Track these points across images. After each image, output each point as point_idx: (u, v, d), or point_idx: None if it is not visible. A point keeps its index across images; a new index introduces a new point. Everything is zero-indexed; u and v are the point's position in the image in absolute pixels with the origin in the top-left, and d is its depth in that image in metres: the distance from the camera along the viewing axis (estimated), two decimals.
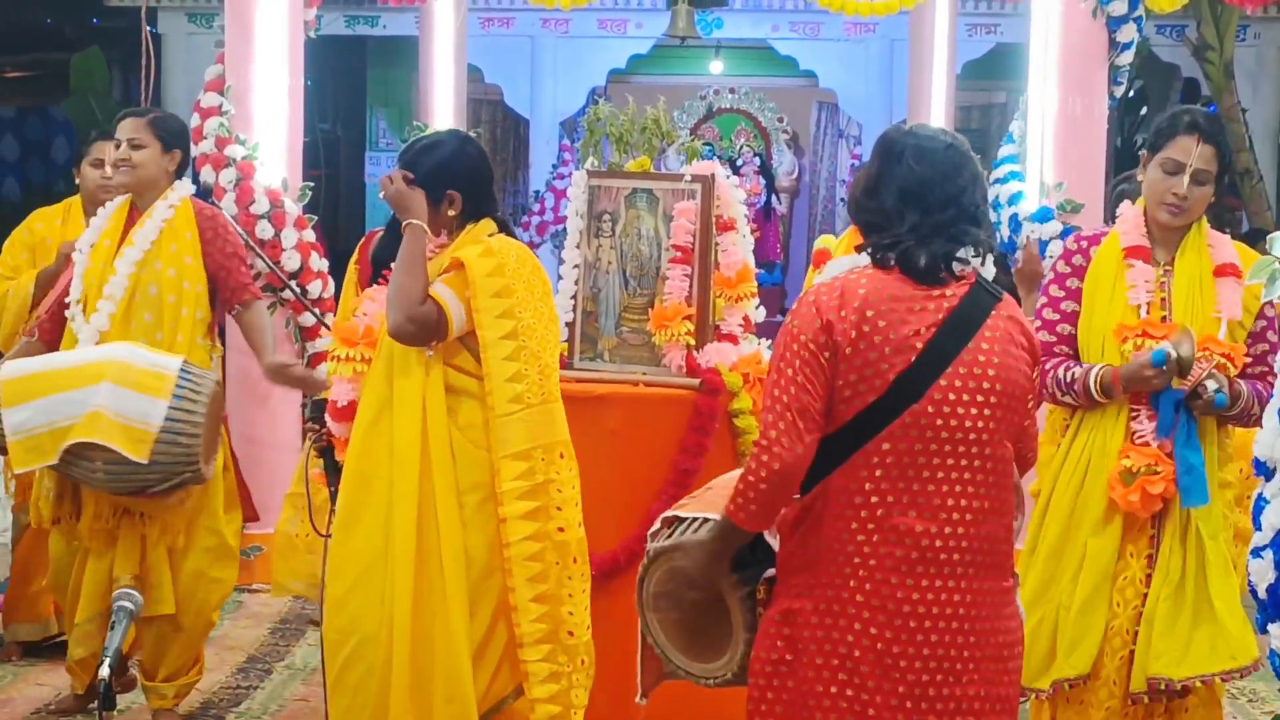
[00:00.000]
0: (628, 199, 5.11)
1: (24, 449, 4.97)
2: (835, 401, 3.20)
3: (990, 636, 3.27)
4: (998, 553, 3.29)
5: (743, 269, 5.14)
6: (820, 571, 3.24)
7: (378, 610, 4.04)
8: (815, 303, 3.24)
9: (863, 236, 3.36)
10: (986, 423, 3.22)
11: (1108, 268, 4.29)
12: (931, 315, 3.21)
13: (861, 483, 3.21)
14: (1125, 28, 7.33)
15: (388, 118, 15.50)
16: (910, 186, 3.27)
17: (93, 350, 5.14)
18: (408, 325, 4.02)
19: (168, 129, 5.39)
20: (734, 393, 4.97)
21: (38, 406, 4.94)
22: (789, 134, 16.72)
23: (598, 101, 5.50)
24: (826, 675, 3.23)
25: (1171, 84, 15.36)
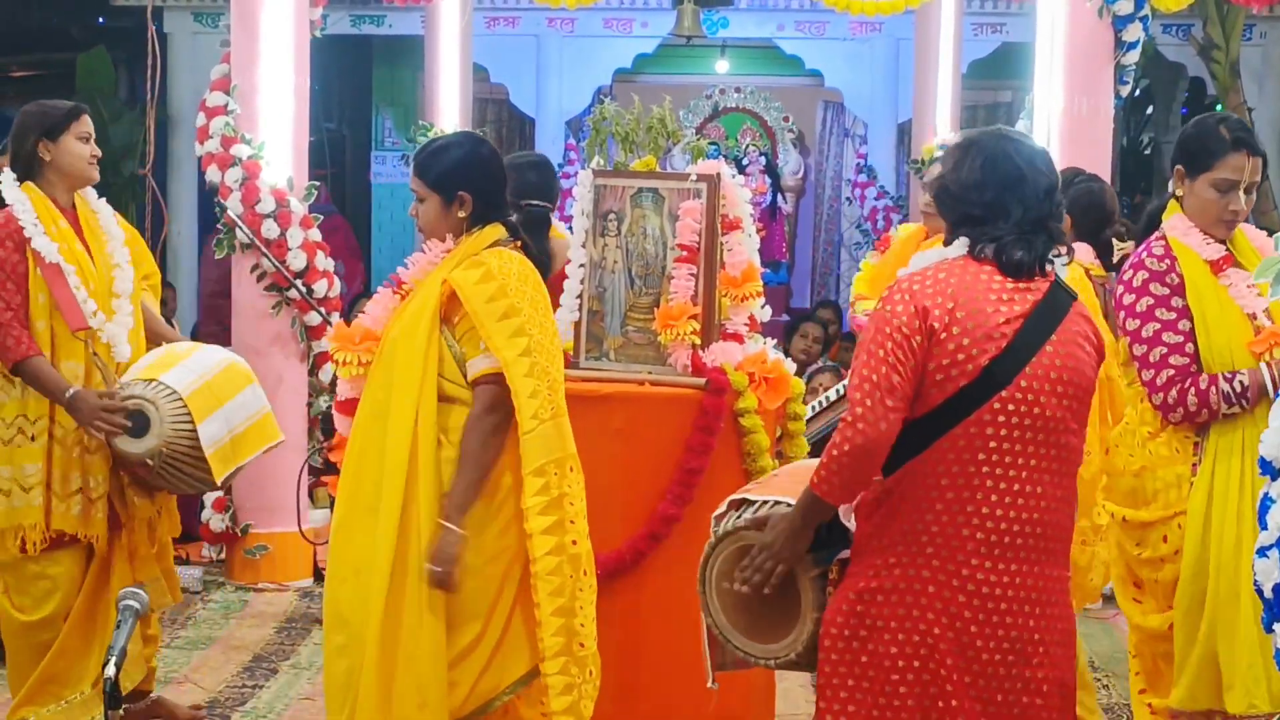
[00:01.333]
0: (633, 198, 5.10)
1: (220, 460, 4.90)
2: (926, 385, 3.33)
3: (1056, 622, 3.42)
4: (1064, 540, 3.45)
5: (748, 268, 5.13)
6: (901, 552, 3.36)
7: (363, 611, 4.06)
8: (909, 289, 3.37)
9: (955, 228, 3.48)
10: (1063, 413, 3.38)
11: (1203, 281, 4.25)
12: (1019, 307, 3.36)
13: (949, 466, 3.33)
14: (1131, 27, 7.33)
15: (393, 117, 15.49)
16: (1015, 182, 3.41)
17: (205, 352, 5.12)
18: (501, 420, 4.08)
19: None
20: (739, 392, 4.97)
21: (219, 416, 4.91)
22: (794, 133, 16.68)
23: (603, 101, 5.50)
24: (909, 652, 3.35)
25: (1177, 83, 15.33)
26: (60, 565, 4.98)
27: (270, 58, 7.55)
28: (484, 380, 4.09)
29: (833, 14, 12.52)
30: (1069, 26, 7.36)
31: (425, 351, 4.08)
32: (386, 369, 4.15)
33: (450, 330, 4.12)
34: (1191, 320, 4.24)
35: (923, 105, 12.10)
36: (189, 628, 6.82)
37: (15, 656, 5.07)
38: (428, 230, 4.28)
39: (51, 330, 4.91)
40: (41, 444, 4.92)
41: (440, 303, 4.10)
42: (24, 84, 16.20)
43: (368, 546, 4.08)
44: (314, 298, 7.50)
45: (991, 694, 3.35)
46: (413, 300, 4.19)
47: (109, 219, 5.14)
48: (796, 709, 5.80)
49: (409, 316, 4.15)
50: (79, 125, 5.00)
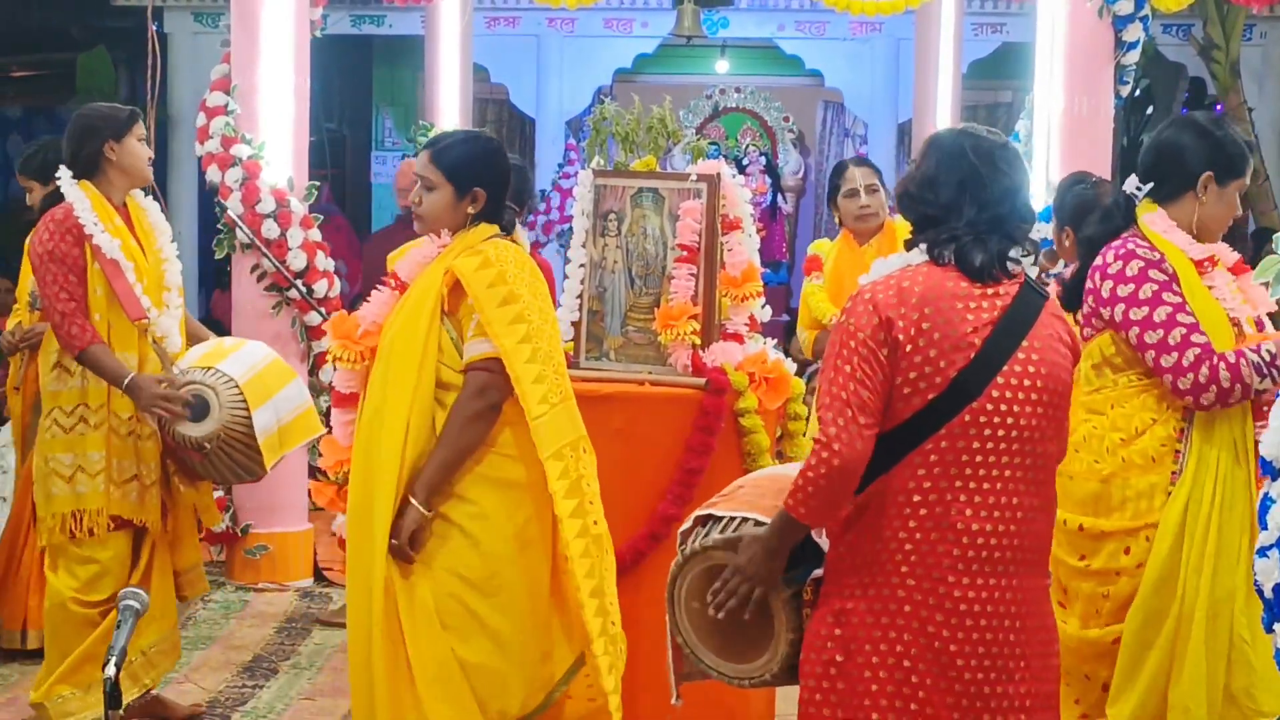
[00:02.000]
0: (633, 198, 5.11)
1: (270, 448, 5.08)
2: (894, 399, 3.22)
3: (1037, 634, 3.32)
4: (1043, 550, 3.35)
5: (748, 268, 5.13)
6: (876, 571, 3.26)
7: (366, 606, 4.08)
8: (872, 300, 3.26)
9: (916, 232, 3.38)
10: (1038, 420, 3.27)
11: (1191, 278, 4.12)
12: (987, 313, 3.25)
13: (920, 481, 3.23)
14: (1131, 27, 7.33)
15: (394, 117, 15.50)
16: (969, 180, 3.31)
17: (251, 347, 5.30)
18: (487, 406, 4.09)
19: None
20: (740, 392, 4.97)
21: (269, 407, 5.08)
22: (795, 133, 16.70)
23: (603, 101, 5.50)
24: (883, 675, 3.25)
25: (1177, 83, 15.33)
26: (109, 550, 5.17)
27: (270, 58, 7.55)
28: (476, 365, 4.09)
29: (833, 14, 12.51)
30: (1069, 26, 7.35)
31: (425, 341, 4.08)
32: (384, 363, 4.16)
33: (452, 320, 4.12)
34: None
35: (923, 105, 12.08)
36: (189, 628, 6.82)
37: (60, 633, 5.20)
38: (429, 219, 4.24)
39: (108, 323, 5.11)
40: (102, 432, 5.14)
41: (442, 292, 4.10)
42: (24, 84, 16.20)
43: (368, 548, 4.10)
44: (314, 298, 7.50)
45: (977, 713, 3.25)
46: (411, 293, 4.19)
47: (158, 215, 5.36)
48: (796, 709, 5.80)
49: (409, 308, 4.16)
50: (138, 128, 5.27)
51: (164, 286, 5.26)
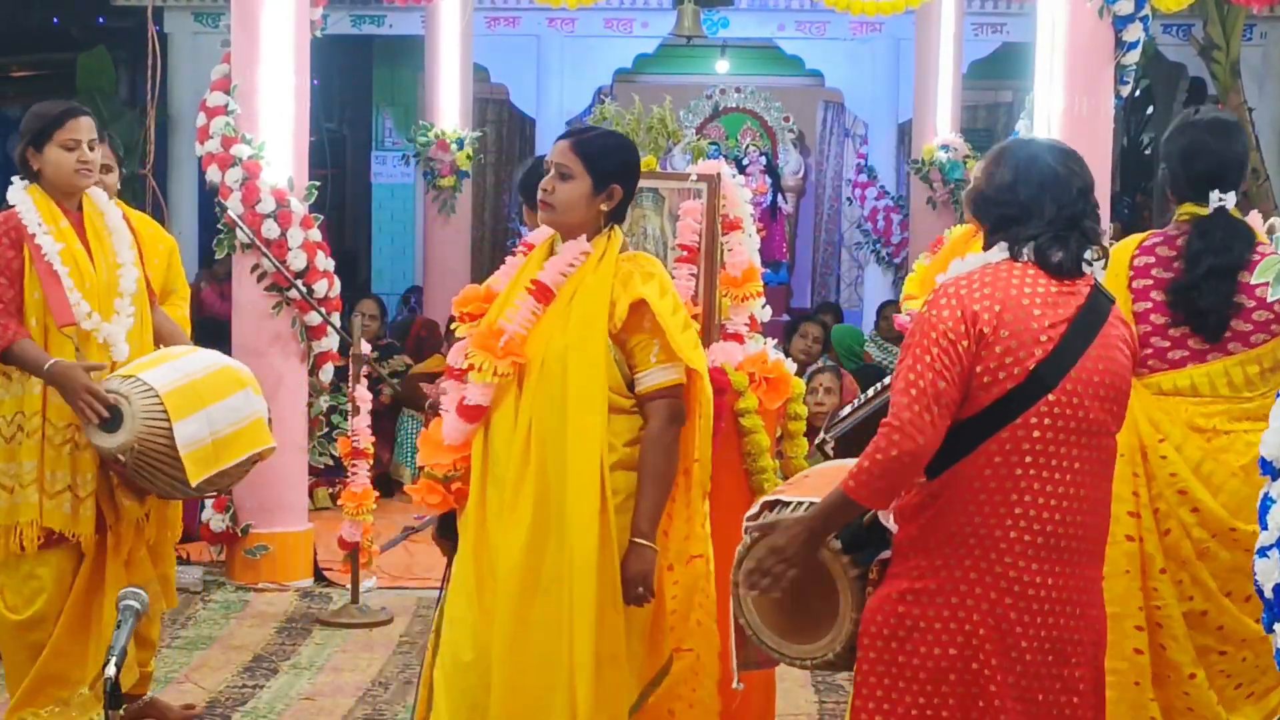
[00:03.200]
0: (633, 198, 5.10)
1: (196, 461, 4.81)
2: (973, 388, 3.35)
3: (1094, 622, 3.47)
4: (1101, 541, 3.50)
5: (749, 268, 5.13)
6: (946, 554, 3.38)
7: (568, 624, 3.97)
8: (956, 293, 3.39)
9: (993, 233, 3.51)
10: (1105, 416, 3.42)
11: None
12: (1063, 310, 3.39)
13: (996, 469, 3.35)
14: (1131, 27, 7.32)
15: (394, 117, 15.50)
16: (1049, 180, 3.46)
17: (199, 355, 5.06)
18: (678, 433, 4.06)
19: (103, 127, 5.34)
20: (740, 392, 4.96)
21: (203, 417, 4.84)
22: (795, 133, 16.70)
23: (604, 101, 5.50)
24: (952, 652, 3.36)
25: (1178, 83, 15.33)
26: (48, 565, 4.98)
27: (271, 58, 7.55)
28: (661, 394, 4.02)
29: (833, 14, 12.52)
30: (1069, 26, 7.35)
31: (605, 361, 3.99)
32: (555, 382, 3.98)
33: (619, 343, 4.02)
34: None
35: (923, 105, 12.10)
36: (189, 628, 6.82)
37: (11, 657, 5.07)
38: (562, 209, 4.07)
39: (45, 327, 4.94)
40: (36, 440, 4.94)
41: (617, 315, 4.00)
42: (24, 84, 16.21)
43: (558, 561, 3.95)
44: (314, 298, 7.50)
45: (1034, 693, 3.38)
46: (576, 310, 4.03)
47: (117, 219, 5.14)
48: (797, 709, 5.81)
49: (580, 329, 4.00)
50: (63, 132, 4.98)
51: (116, 292, 5.02)
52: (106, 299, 5.02)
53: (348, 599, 7.11)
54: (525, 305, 4.06)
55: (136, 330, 5.09)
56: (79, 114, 5.05)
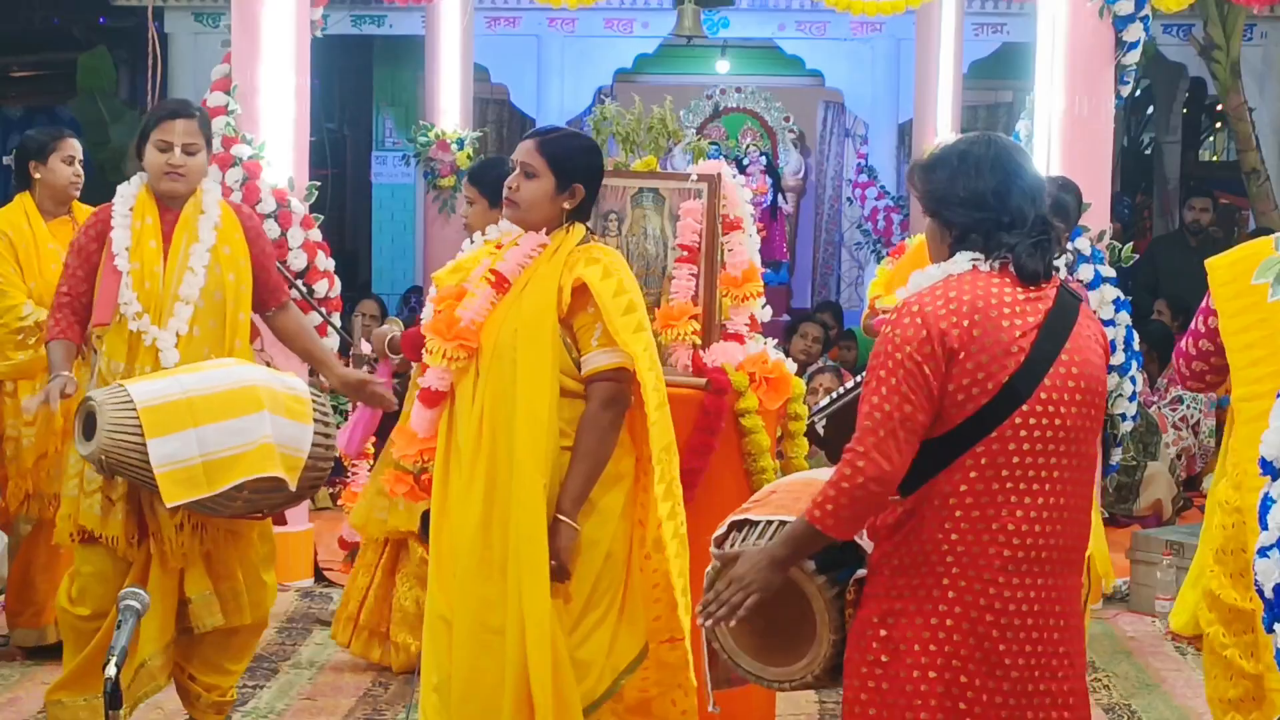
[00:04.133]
0: (634, 198, 5.11)
1: (175, 481, 4.63)
2: (947, 406, 3.24)
3: (1075, 632, 3.37)
4: (1081, 549, 3.40)
5: (749, 268, 5.13)
6: (925, 572, 3.27)
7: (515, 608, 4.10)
8: (920, 312, 3.26)
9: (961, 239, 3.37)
10: (1082, 420, 3.32)
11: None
12: (1032, 316, 3.28)
13: (971, 484, 3.25)
14: (1131, 27, 7.33)
15: (394, 117, 15.49)
16: (1033, 186, 3.38)
17: (226, 372, 4.86)
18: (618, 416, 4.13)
19: (210, 128, 5.20)
20: (740, 392, 4.97)
21: (190, 437, 4.64)
22: (795, 133, 16.69)
23: (604, 101, 5.50)
24: (932, 675, 3.26)
25: (1178, 83, 15.33)
26: (89, 563, 4.96)
27: (271, 58, 7.55)
28: (602, 376, 4.11)
29: (833, 14, 12.51)
30: (1070, 27, 7.36)
31: (552, 345, 4.10)
32: (506, 365, 4.11)
33: (566, 327, 4.13)
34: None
35: (923, 105, 12.09)
36: None
37: (66, 638, 5.11)
38: (525, 207, 4.18)
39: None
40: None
41: (565, 299, 4.10)
42: (25, 84, 16.22)
43: (504, 542, 4.10)
44: (315, 298, 7.50)
45: (1022, 711, 3.28)
46: (527, 297, 4.14)
47: (208, 229, 5.04)
48: (797, 709, 5.81)
49: (531, 310, 4.12)
50: (158, 133, 5.02)
51: (176, 297, 4.96)
52: (166, 303, 4.97)
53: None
54: (482, 294, 4.19)
55: (197, 339, 4.98)
56: (173, 115, 5.05)
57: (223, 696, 5.21)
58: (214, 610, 5.02)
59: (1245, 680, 4.07)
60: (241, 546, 5.08)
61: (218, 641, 5.11)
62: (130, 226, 4.99)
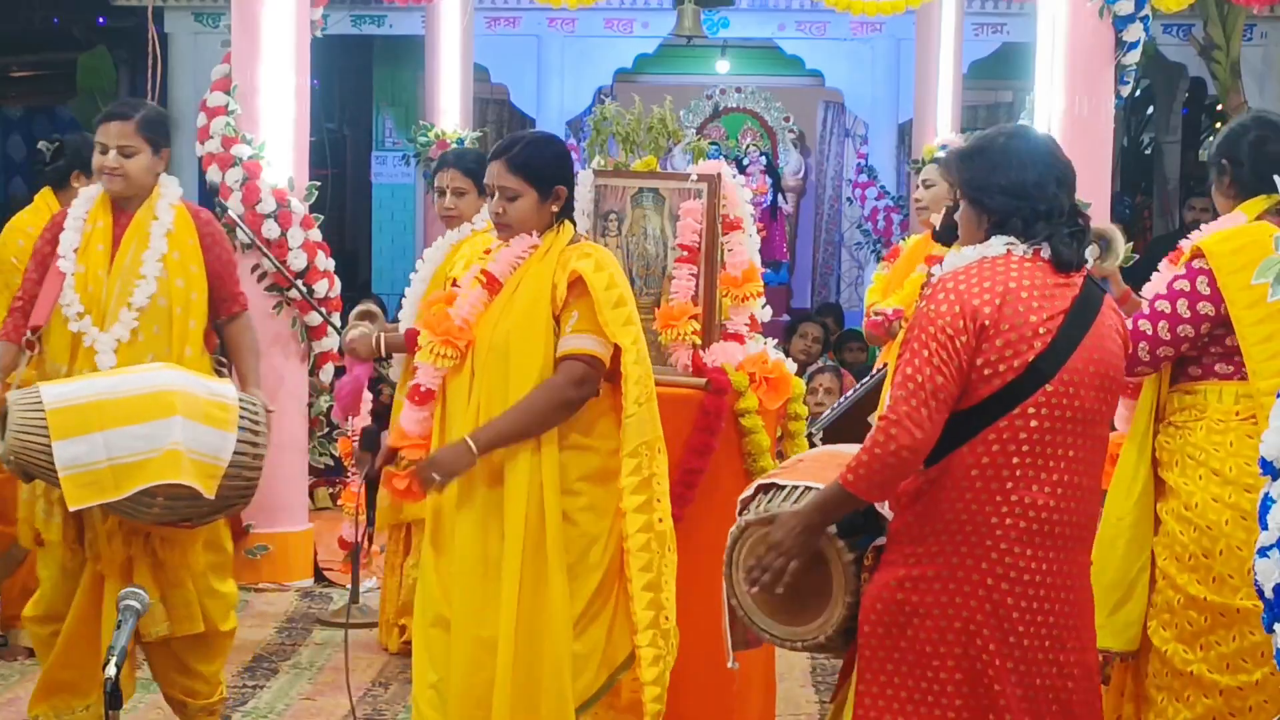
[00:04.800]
0: (634, 198, 5.10)
1: (80, 484, 4.55)
2: (973, 381, 3.38)
3: (1085, 606, 3.53)
4: (1093, 529, 3.57)
5: (749, 268, 5.13)
6: (944, 540, 3.41)
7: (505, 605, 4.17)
8: (955, 289, 3.42)
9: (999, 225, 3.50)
10: (1099, 405, 3.47)
11: None
12: (1060, 302, 3.43)
13: (993, 457, 3.39)
14: (1131, 27, 7.33)
15: (394, 117, 15.50)
16: (1068, 177, 3.56)
17: (145, 376, 4.75)
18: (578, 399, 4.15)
19: (154, 128, 5.04)
20: (740, 392, 4.97)
21: (97, 440, 4.56)
22: (795, 133, 16.70)
23: (604, 101, 5.50)
24: (949, 638, 3.41)
25: (1178, 83, 15.34)
26: (46, 566, 4.97)
27: (271, 58, 7.55)
28: (575, 357, 4.14)
29: (833, 14, 12.52)
30: (1070, 27, 7.35)
31: (546, 341, 4.16)
32: (500, 363, 4.17)
33: (557, 321, 4.18)
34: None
35: (923, 105, 12.09)
36: None
37: (34, 647, 5.11)
38: (519, 226, 4.24)
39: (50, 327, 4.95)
40: None
41: (561, 294, 4.15)
42: (25, 84, 16.22)
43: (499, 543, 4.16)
44: (315, 298, 7.50)
45: (1031, 678, 3.42)
46: (519, 296, 4.21)
47: (160, 236, 5.00)
48: (797, 709, 5.81)
49: (523, 307, 4.18)
50: (98, 134, 5.01)
51: (125, 303, 4.90)
52: (112, 307, 4.93)
53: (348, 599, 7.11)
54: (473, 295, 4.23)
55: (140, 344, 4.93)
56: (110, 118, 5.02)
57: (209, 699, 5.17)
58: (158, 619, 4.92)
59: (1209, 699, 3.99)
60: (187, 556, 4.98)
61: (183, 647, 5.06)
62: (81, 229, 4.98)
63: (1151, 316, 4.08)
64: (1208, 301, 4.01)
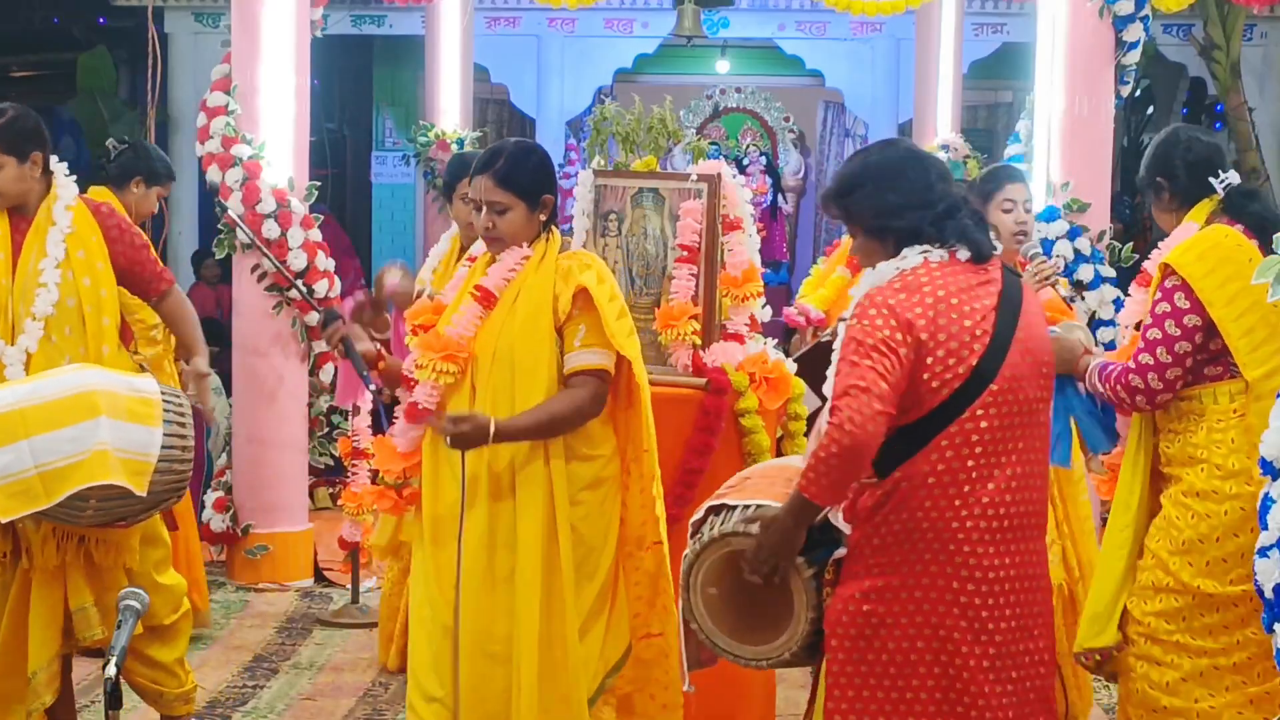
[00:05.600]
0: (634, 198, 5.11)
1: (10, 494, 4.45)
2: (921, 394, 3.39)
3: (1046, 592, 3.58)
4: (1044, 514, 3.60)
5: (749, 268, 5.14)
6: (906, 549, 3.44)
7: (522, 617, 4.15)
8: (885, 303, 3.41)
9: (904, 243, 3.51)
10: (1038, 391, 3.52)
11: None
12: (987, 299, 3.46)
13: (948, 463, 3.41)
14: (1131, 27, 7.32)
15: (394, 117, 15.50)
16: (945, 174, 3.59)
17: (64, 379, 4.65)
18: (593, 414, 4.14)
19: (14, 138, 4.89)
20: (740, 392, 4.97)
21: (22, 449, 4.45)
22: (795, 133, 16.70)
23: (604, 101, 5.50)
24: (920, 644, 3.44)
25: (1178, 83, 15.33)
26: None
27: (271, 58, 7.55)
28: (588, 373, 4.12)
29: (833, 14, 12.51)
30: (1070, 27, 7.35)
31: (550, 354, 4.14)
32: (505, 376, 4.13)
33: (559, 334, 4.16)
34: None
35: (923, 105, 12.09)
36: None
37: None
38: (511, 239, 4.20)
39: None
40: None
41: (565, 307, 4.12)
42: (24, 84, 16.20)
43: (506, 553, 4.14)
44: (315, 298, 7.50)
45: (1007, 671, 3.46)
46: (520, 308, 4.16)
47: (55, 242, 4.94)
48: (797, 709, 5.79)
49: (525, 324, 4.14)
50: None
51: (28, 314, 4.85)
52: (15, 319, 4.88)
53: (348, 599, 7.11)
54: (470, 310, 4.20)
55: (54, 347, 4.88)
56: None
57: (181, 688, 5.12)
58: (93, 623, 4.84)
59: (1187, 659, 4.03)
60: (123, 556, 4.90)
61: (138, 640, 4.93)
62: None
63: (1149, 347, 4.08)
64: (1192, 313, 4.04)
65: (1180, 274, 4.05)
